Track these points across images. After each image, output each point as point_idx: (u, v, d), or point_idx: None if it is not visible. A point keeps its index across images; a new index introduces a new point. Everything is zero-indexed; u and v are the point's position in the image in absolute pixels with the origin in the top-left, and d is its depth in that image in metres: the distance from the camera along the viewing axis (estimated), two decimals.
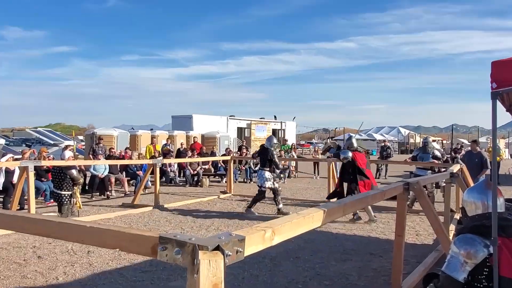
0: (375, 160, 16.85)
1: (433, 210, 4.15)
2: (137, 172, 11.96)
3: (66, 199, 7.71)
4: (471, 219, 2.53)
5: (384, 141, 20.94)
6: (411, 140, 53.31)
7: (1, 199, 8.78)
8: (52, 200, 8.85)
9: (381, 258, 5.36)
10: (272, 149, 8.55)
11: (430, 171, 9.12)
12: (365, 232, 6.84)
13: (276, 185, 8.66)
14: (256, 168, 8.66)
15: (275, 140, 8.95)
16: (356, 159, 7.63)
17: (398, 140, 52.58)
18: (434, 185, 9.03)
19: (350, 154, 7.68)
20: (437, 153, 9.47)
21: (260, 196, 8.47)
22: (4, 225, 2.12)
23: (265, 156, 8.48)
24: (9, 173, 8.79)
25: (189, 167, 13.81)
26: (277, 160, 8.49)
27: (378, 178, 16.64)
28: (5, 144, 22.07)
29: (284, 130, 35.38)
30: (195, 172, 13.78)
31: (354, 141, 8.18)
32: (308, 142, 60.90)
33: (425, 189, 7.05)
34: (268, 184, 8.37)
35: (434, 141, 11.66)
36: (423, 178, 5.98)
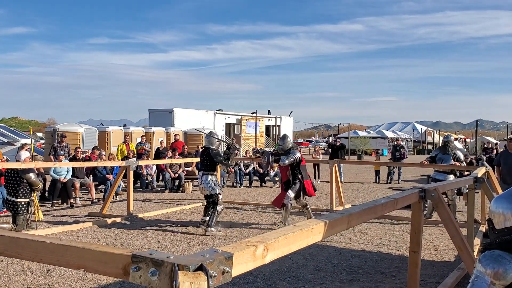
0: (386, 162, 16.98)
1: (454, 222, 4.18)
2: (106, 176, 11.90)
3: (23, 208, 7.64)
4: (499, 232, 2.53)
5: (396, 139, 21.06)
6: (429, 139, 53.66)
7: None
8: (5, 209, 8.78)
9: (393, 278, 5.40)
10: (214, 147, 8.18)
11: (451, 175, 9.19)
12: (374, 247, 6.89)
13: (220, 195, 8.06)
14: (200, 174, 8.17)
15: (215, 135, 8.64)
16: (302, 157, 8.67)
17: (413, 138, 52.94)
18: (455, 191, 9.09)
19: (299, 154, 8.57)
20: (460, 154, 9.54)
21: (216, 207, 7.87)
22: None
23: (205, 158, 8.08)
24: None
25: (169, 169, 13.78)
26: (222, 158, 8.02)
27: (390, 183, 16.76)
28: None
29: (279, 126, 35.51)
30: (176, 175, 13.76)
31: (290, 139, 8.91)
32: (307, 141, 61.18)
33: (444, 196, 7.14)
34: (218, 189, 7.97)
35: (456, 139, 11.77)
36: (442, 183, 6.03)
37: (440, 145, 10.25)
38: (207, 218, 7.83)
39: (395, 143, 18.59)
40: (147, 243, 7.00)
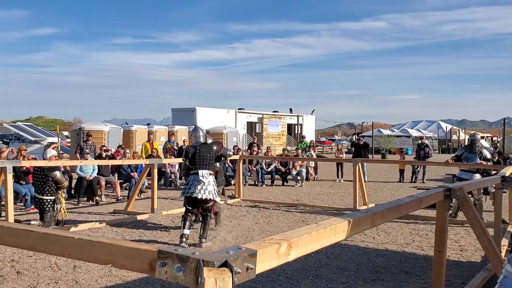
0: (410, 161, 16.76)
1: (480, 221, 4.11)
2: (131, 174, 12.07)
3: (49, 205, 7.83)
4: None
5: (421, 138, 20.77)
6: (454, 137, 52.77)
7: None
8: (33, 206, 9.00)
9: (418, 278, 5.34)
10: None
11: (477, 175, 9.02)
12: (399, 246, 6.82)
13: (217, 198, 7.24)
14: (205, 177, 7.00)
15: (200, 133, 7.54)
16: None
17: (438, 136, 52.09)
18: (482, 191, 8.94)
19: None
20: (486, 153, 9.37)
21: (208, 216, 7.06)
22: None
23: (210, 155, 7.24)
24: None
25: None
26: (231, 153, 7.89)
27: (414, 182, 16.54)
28: None
29: (301, 125, 35.39)
30: None
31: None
32: (330, 139, 60.80)
33: (470, 196, 7.02)
34: (218, 196, 7.32)
35: (482, 138, 11.54)
36: (468, 182, 5.92)
37: (466, 144, 10.07)
38: (201, 231, 6.87)
39: (420, 141, 18.32)
40: (170, 240, 7.07)
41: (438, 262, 3.86)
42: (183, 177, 15.00)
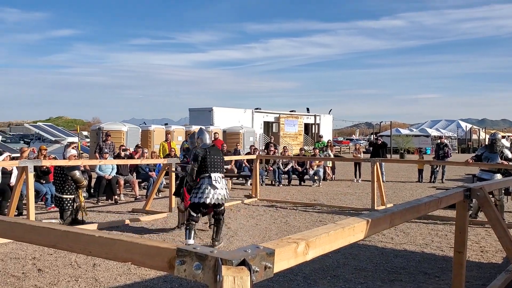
0: (430, 161, 16.56)
1: (501, 222, 4.05)
2: (149, 173, 12.18)
3: (68, 204, 7.95)
4: None
5: (440, 137, 20.51)
6: (474, 136, 51.98)
7: None
8: (53, 205, 9.15)
9: (437, 279, 5.28)
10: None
11: (498, 175, 8.89)
12: (417, 247, 6.75)
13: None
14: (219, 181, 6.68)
15: (207, 135, 7.21)
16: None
17: (457, 136, 51.38)
18: (503, 191, 8.80)
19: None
20: (508, 153, 9.22)
21: (222, 217, 6.86)
22: (2, 233, 2.21)
23: (221, 156, 6.96)
24: (6, 174, 9.13)
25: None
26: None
27: (434, 182, 16.36)
28: (1, 141, 22.90)
29: (318, 124, 35.25)
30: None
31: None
32: (347, 139, 60.45)
33: (491, 196, 6.91)
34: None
35: (503, 137, 11.37)
36: (489, 182, 5.84)
37: (487, 143, 9.92)
38: (214, 234, 6.74)
39: (439, 141, 18.10)
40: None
41: (458, 263, 3.81)
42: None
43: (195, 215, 6.57)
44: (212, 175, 6.53)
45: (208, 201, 6.39)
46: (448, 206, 3.78)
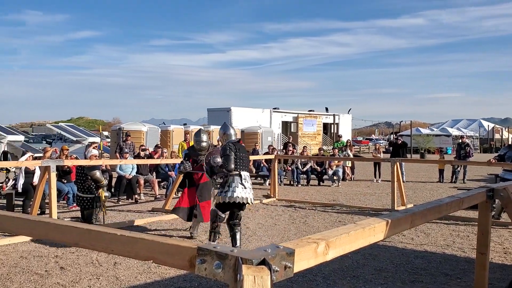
0: (451, 161, 16.33)
1: None
2: (169, 173, 12.28)
3: (88, 203, 8.07)
4: None
5: (461, 137, 20.21)
6: (497, 136, 51.13)
7: (21, 202, 9.30)
8: (75, 204, 9.30)
9: (459, 280, 5.20)
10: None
11: None
12: (438, 248, 6.66)
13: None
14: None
15: (232, 130, 6.80)
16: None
17: (479, 136, 50.58)
18: None
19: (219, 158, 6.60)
20: None
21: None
22: (27, 231, 2.26)
23: (246, 154, 6.65)
24: (29, 173, 9.30)
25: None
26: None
27: (455, 182, 16.13)
28: (24, 141, 23.34)
29: (337, 124, 35.06)
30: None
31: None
32: (366, 138, 60.00)
33: None
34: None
35: None
36: None
37: (510, 143, 9.73)
38: (236, 242, 6.36)
39: (460, 140, 17.83)
40: (207, 238, 7.14)
41: (480, 264, 3.75)
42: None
43: (223, 216, 6.28)
44: (242, 173, 6.21)
45: (238, 200, 6.06)
46: (470, 207, 3.72)
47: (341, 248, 1.88)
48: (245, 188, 6.15)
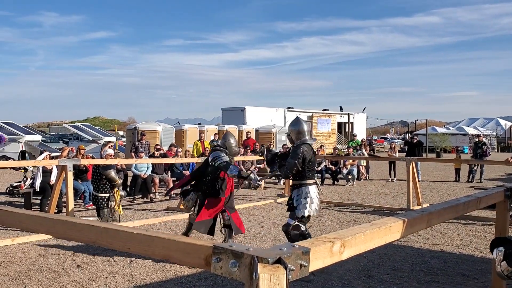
0: (467, 160, 16.14)
1: None
2: (183, 172, 12.34)
3: (103, 202, 8.14)
4: None
5: (478, 136, 19.97)
6: None
7: (38, 201, 9.44)
8: (91, 203, 9.40)
9: (476, 281, 5.14)
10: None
11: None
12: (455, 248, 6.59)
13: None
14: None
15: (306, 127, 5.76)
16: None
17: (497, 134, 49.88)
18: None
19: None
20: None
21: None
22: (46, 229, 2.29)
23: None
24: (46, 173, 9.43)
25: (241, 166, 14.02)
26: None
27: (471, 181, 15.94)
28: (41, 140, 23.66)
29: (352, 123, 34.90)
30: (249, 172, 13.95)
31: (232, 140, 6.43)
32: (381, 138, 59.62)
33: None
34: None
35: None
36: None
37: None
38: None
39: (477, 139, 17.62)
40: (221, 238, 7.17)
41: None
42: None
43: (305, 229, 5.48)
44: (317, 181, 5.63)
45: (313, 213, 5.42)
46: (487, 207, 3.67)
47: (357, 248, 1.87)
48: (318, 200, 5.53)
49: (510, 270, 2.39)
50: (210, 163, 6.01)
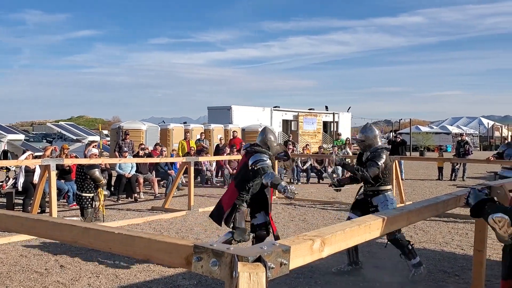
0: (450, 158, 16.36)
1: None
2: (168, 171, 12.29)
3: (87, 202, 8.09)
4: None
5: (461, 134, 20.21)
6: (497, 134, 51.10)
7: (21, 201, 9.32)
8: (75, 203, 9.32)
9: (457, 277, 5.22)
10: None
11: None
12: (437, 245, 6.68)
13: None
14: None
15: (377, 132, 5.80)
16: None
17: (479, 133, 50.58)
18: None
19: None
20: None
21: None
22: (26, 230, 2.27)
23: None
24: (29, 172, 9.32)
25: (227, 165, 14.01)
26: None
27: (454, 180, 16.15)
28: (24, 140, 23.36)
29: (337, 122, 35.05)
30: (235, 171, 13.96)
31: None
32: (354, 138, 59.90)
33: None
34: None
35: None
36: (509, 180, 5.74)
37: (509, 141, 9.75)
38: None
39: (460, 138, 17.86)
40: (207, 237, 7.17)
41: (478, 261, 3.77)
42: (218, 175, 15.22)
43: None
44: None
45: None
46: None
47: (337, 245, 1.90)
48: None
49: None
50: (250, 167, 5.14)
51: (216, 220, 5.38)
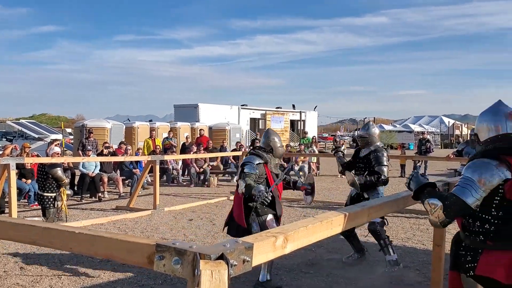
0: (412, 156, 16.78)
1: None
2: (133, 170, 12.12)
3: (49, 202, 7.89)
4: (483, 144, 2.77)
5: (423, 133, 20.76)
6: (457, 132, 52.67)
7: None
8: (36, 203, 9.07)
9: (417, 272, 5.37)
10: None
11: None
12: (399, 241, 6.85)
13: None
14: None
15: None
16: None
17: (440, 132, 52.02)
18: None
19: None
20: None
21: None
22: None
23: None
24: None
25: (194, 164, 13.94)
26: None
27: None
28: None
29: (304, 121, 35.38)
30: (201, 170, 13.91)
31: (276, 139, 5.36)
32: (332, 135, 60.80)
33: None
34: None
35: None
36: None
37: (468, 139, 10.08)
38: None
39: (421, 137, 18.33)
40: (172, 236, 7.12)
41: (437, 256, 3.88)
42: (185, 174, 15.16)
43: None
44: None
45: None
46: None
47: (300, 241, 1.93)
48: None
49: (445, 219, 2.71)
50: (240, 167, 5.00)
51: (235, 227, 5.07)
